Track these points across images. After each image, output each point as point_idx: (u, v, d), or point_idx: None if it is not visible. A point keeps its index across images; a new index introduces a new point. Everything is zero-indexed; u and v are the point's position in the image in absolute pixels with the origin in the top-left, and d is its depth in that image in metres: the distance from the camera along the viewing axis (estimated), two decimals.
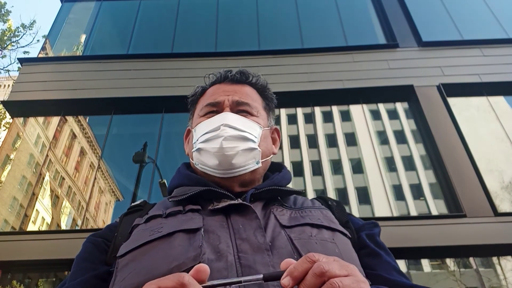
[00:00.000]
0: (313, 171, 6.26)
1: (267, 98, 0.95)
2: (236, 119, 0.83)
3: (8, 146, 6.68)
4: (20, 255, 5.00)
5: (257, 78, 0.94)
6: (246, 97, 0.89)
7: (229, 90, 0.89)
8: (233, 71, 0.93)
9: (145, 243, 0.65)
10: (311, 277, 0.46)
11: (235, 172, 0.80)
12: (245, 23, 8.36)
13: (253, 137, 0.82)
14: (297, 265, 0.48)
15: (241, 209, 0.71)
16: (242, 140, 0.81)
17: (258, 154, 0.83)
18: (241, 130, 0.81)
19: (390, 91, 6.68)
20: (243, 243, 0.63)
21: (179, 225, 0.67)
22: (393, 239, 4.69)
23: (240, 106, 0.86)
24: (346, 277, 0.47)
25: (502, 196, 5.50)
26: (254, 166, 0.82)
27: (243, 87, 0.91)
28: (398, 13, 7.99)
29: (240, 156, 0.80)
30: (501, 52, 7.01)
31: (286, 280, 0.47)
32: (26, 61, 7.51)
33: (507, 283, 4.85)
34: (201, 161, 0.82)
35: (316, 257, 0.48)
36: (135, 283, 0.58)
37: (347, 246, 0.70)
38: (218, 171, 0.80)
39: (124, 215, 0.81)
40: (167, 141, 6.64)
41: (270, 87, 0.97)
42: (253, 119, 0.86)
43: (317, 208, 0.79)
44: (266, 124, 0.90)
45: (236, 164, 0.79)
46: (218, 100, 0.87)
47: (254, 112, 0.87)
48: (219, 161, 0.79)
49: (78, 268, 0.70)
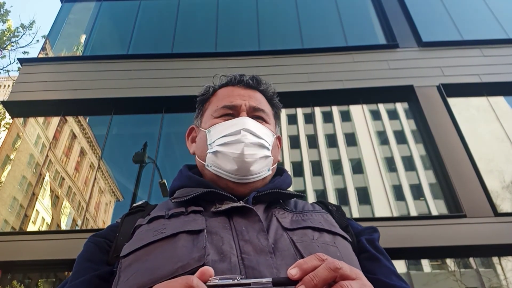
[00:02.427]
0: (313, 171, 6.25)
1: (275, 106, 0.96)
2: (256, 126, 0.83)
3: (8, 146, 6.68)
4: (20, 255, 5.00)
5: (267, 85, 0.95)
6: (260, 103, 0.90)
7: (244, 94, 0.89)
8: (246, 75, 0.93)
9: (149, 244, 0.65)
10: (324, 270, 0.47)
11: (250, 179, 0.81)
12: (245, 23, 8.36)
13: (268, 145, 0.84)
14: (307, 259, 0.49)
15: (244, 211, 0.71)
16: (260, 148, 0.82)
17: (270, 162, 0.84)
18: (260, 137, 0.82)
19: (390, 91, 6.69)
20: (246, 244, 0.63)
21: (182, 226, 0.67)
22: (393, 239, 4.69)
23: (257, 112, 0.87)
24: (355, 281, 0.48)
25: (502, 196, 5.50)
26: (266, 173, 0.83)
27: (256, 93, 0.92)
28: (398, 13, 7.99)
29: (257, 163, 0.80)
30: (501, 52, 7.02)
31: (294, 270, 0.48)
32: (26, 61, 7.51)
33: (507, 283, 4.85)
34: (217, 164, 0.82)
35: (325, 257, 0.49)
36: (140, 283, 0.58)
37: (348, 250, 0.71)
38: (234, 176, 0.80)
39: (125, 215, 0.81)
40: (167, 141, 6.64)
41: (277, 95, 0.98)
42: (268, 127, 0.87)
43: (318, 212, 0.79)
44: (275, 131, 0.92)
45: (253, 171, 0.80)
46: (235, 104, 0.87)
47: (267, 119, 0.89)
48: (238, 167, 0.79)
49: (80, 268, 0.71)
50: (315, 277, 0.46)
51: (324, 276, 0.46)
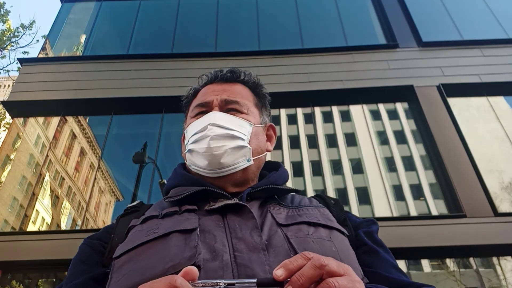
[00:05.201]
0: (313, 171, 6.25)
1: (259, 95, 0.95)
2: (224, 118, 0.83)
3: (8, 146, 6.69)
4: (20, 255, 5.00)
5: (248, 75, 0.93)
6: (235, 95, 0.88)
7: (218, 89, 0.89)
8: (224, 70, 0.93)
9: (141, 244, 0.65)
10: (309, 268, 0.46)
11: (225, 171, 0.80)
12: (245, 23, 8.36)
13: (241, 135, 0.82)
14: (293, 259, 0.48)
15: (238, 209, 0.70)
16: (230, 139, 0.80)
17: (248, 152, 0.82)
18: (229, 128, 0.81)
19: (390, 91, 6.68)
20: (239, 242, 0.63)
21: (175, 225, 0.67)
22: (393, 239, 4.68)
23: (229, 104, 0.86)
24: (342, 277, 0.47)
25: (502, 196, 5.50)
26: (245, 164, 0.81)
27: (234, 85, 0.91)
28: (398, 13, 7.99)
29: (229, 155, 0.79)
30: (501, 52, 7.02)
31: (279, 271, 0.47)
32: (26, 61, 7.51)
33: (507, 283, 4.85)
34: (193, 162, 0.82)
35: (311, 255, 0.48)
36: (130, 283, 0.58)
37: (344, 244, 0.70)
38: (208, 171, 0.80)
39: (120, 216, 0.81)
40: (167, 141, 6.64)
41: (262, 84, 0.96)
42: (243, 117, 0.85)
43: (315, 206, 0.78)
44: (258, 121, 0.89)
45: (225, 163, 0.79)
46: (207, 100, 0.87)
47: (244, 109, 0.87)
48: (208, 161, 0.79)
49: (75, 271, 0.70)
50: (301, 276, 0.46)
51: (310, 274, 0.46)
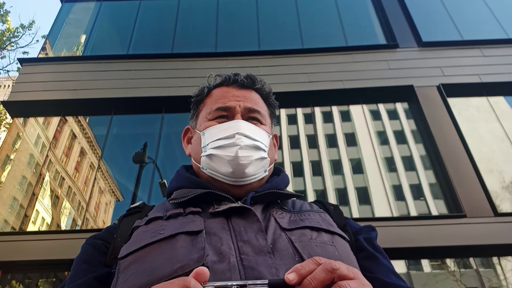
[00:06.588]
0: (313, 171, 6.25)
1: (271, 105, 0.95)
2: (250, 128, 0.83)
3: (8, 146, 6.68)
4: (20, 255, 5.00)
5: (262, 84, 0.93)
6: (256, 104, 0.89)
7: (239, 95, 0.88)
8: (240, 75, 0.92)
9: (147, 245, 0.65)
10: (321, 272, 0.47)
11: (246, 181, 0.81)
12: (245, 23, 8.36)
13: (264, 147, 0.83)
14: (304, 264, 0.49)
15: (242, 212, 0.71)
16: (255, 150, 0.81)
17: (267, 163, 0.84)
18: (255, 139, 0.82)
19: (390, 91, 6.68)
20: (245, 245, 0.63)
21: (180, 227, 0.67)
22: (393, 239, 4.69)
23: (252, 113, 0.87)
24: (353, 280, 0.48)
25: (502, 196, 5.50)
26: (262, 174, 0.83)
27: (251, 93, 0.91)
28: (398, 13, 7.99)
29: (253, 165, 0.80)
30: (501, 52, 7.02)
31: (291, 275, 0.48)
32: (26, 61, 7.51)
33: (507, 283, 4.85)
34: (212, 167, 0.82)
35: (322, 260, 0.49)
36: (138, 284, 0.58)
37: (346, 249, 0.71)
38: (230, 179, 0.80)
39: (123, 216, 0.81)
40: (167, 141, 6.64)
41: (273, 94, 0.96)
42: (263, 128, 0.87)
43: (316, 212, 0.79)
44: (271, 131, 0.91)
45: (248, 173, 0.80)
46: (229, 105, 0.86)
47: (263, 120, 0.88)
48: (233, 169, 0.79)
49: (78, 271, 0.70)
50: (313, 279, 0.46)
51: (321, 278, 0.46)
